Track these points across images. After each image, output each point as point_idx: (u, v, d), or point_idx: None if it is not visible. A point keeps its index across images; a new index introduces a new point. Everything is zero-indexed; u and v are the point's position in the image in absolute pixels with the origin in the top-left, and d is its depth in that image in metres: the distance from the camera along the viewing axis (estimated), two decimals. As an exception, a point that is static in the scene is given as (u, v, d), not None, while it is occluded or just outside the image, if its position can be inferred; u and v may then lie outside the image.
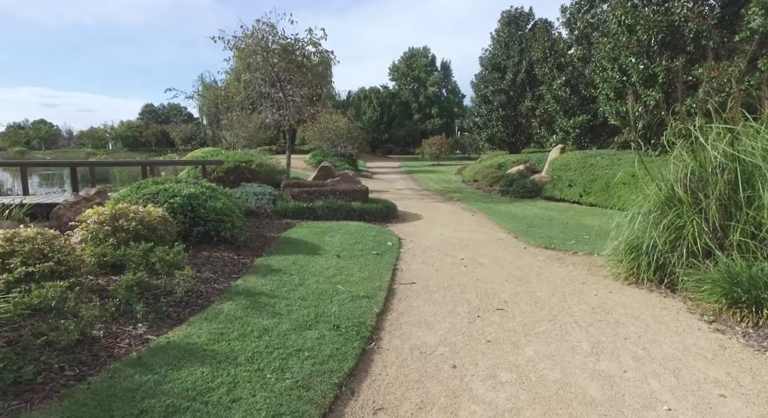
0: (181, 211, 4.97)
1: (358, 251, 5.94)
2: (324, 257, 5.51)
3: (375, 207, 8.72)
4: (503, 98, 22.14)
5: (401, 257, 5.99)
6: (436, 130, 41.91)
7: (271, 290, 3.98)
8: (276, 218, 7.88)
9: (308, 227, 7.35)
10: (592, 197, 11.63)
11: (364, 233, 7.01)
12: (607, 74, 12.15)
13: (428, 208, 10.93)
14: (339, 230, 7.17)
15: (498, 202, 11.95)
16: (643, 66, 10.87)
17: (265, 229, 6.98)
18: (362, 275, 4.84)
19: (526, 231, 7.85)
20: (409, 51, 48.24)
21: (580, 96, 15.46)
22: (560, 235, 7.54)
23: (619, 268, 4.95)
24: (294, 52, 12.65)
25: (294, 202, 8.37)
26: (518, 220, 9.04)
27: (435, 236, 7.42)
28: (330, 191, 8.83)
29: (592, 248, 6.55)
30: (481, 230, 8.08)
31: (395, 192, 14.68)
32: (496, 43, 23.21)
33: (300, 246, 5.98)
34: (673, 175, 4.73)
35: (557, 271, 5.40)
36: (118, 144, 64.63)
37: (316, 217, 8.17)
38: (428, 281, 4.97)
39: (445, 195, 13.84)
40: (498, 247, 6.75)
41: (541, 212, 10.19)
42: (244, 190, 8.59)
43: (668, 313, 3.94)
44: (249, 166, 12.63)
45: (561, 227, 8.37)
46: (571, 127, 15.64)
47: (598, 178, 11.91)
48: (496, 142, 24.00)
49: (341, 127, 23.51)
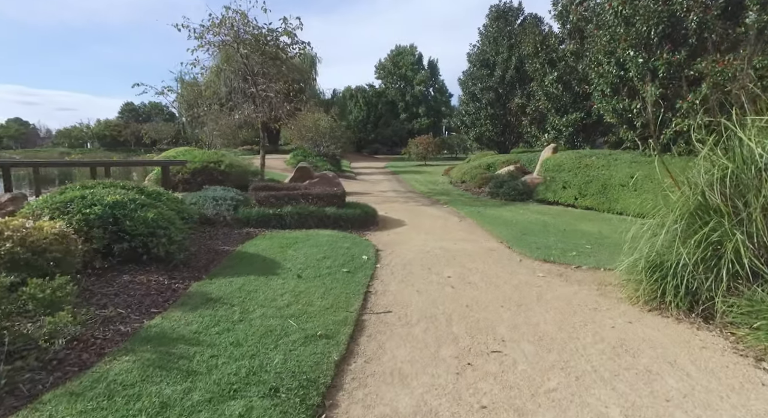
0: (99, 223, 3.97)
1: (326, 268, 4.99)
2: (282, 277, 4.55)
3: (352, 213, 7.78)
4: (492, 96, 21.33)
5: (377, 274, 5.06)
6: (423, 129, 41.10)
7: (195, 333, 3.01)
8: (237, 227, 6.88)
9: (271, 237, 6.37)
10: (588, 200, 10.86)
11: (336, 245, 6.07)
12: (603, 69, 11.38)
13: (412, 212, 10.02)
14: (307, 241, 6.21)
15: (488, 206, 11.11)
16: (643, 60, 10.12)
17: (220, 241, 5.99)
18: (325, 303, 3.89)
19: (521, 239, 7.00)
20: (395, 49, 47.31)
21: (572, 93, 14.71)
22: (558, 244, 6.70)
23: (638, 290, 4.09)
24: (267, 43, 11.63)
25: (259, 208, 7.39)
26: (511, 226, 8.19)
27: (418, 247, 6.51)
28: (301, 195, 7.86)
29: (597, 261, 5.72)
30: (470, 239, 7.19)
31: (378, 195, 13.76)
32: (485, 38, 22.39)
33: (255, 263, 5.01)
34: (704, 178, 3.88)
35: (561, 291, 4.53)
36: (95, 143, 62.50)
37: (284, 225, 7.20)
38: (407, 308, 4.05)
39: (431, 198, 12.96)
40: (490, 260, 5.87)
41: (535, 217, 9.37)
42: (203, 194, 7.57)
43: (711, 355, 3.08)
44: (218, 167, 11.59)
45: (558, 234, 7.54)
46: (563, 125, 14.86)
47: (593, 179, 11.14)
48: (485, 141, 23.18)
49: (323, 126, 22.50)
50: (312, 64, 42.81)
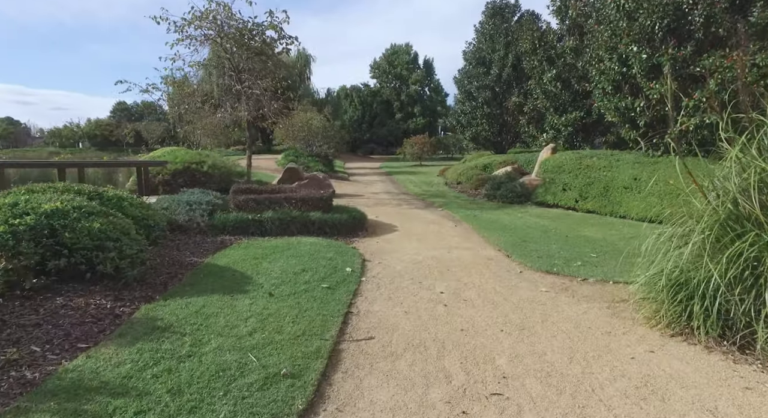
0: (31, 236, 3.39)
1: (303, 283, 4.43)
2: (251, 296, 3.99)
3: (339, 218, 7.22)
4: (488, 94, 20.79)
5: (361, 290, 4.51)
6: (419, 129, 40.56)
7: (124, 377, 2.43)
8: (211, 234, 6.31)
9: (248, 246, 5.80)
10: (590, 203, 10.36)
11: (318, 255, 5.51)
12: (604, 65, 10.88)
13: (405, 216, 9.48)
14: (287, 250, 5.65)
15: (484, 209, 10.58)
16: (646, 55, 9.62)
17: (189, 251, 5.41)
18: (296, 329, 3.34)
19: (520, 247, 6.47)
20: (390, 48, 46.74)
21: (572, 91, 14.20)
22: (561, 252, 6.17)
23: (659, 311, 3.55)
24: (253, 38, 11.05)
25: (237, 212, 6.81)
26: (509, 231, 7.67)
27: (409, 256, 5.96)
28: (284, 199, 7.29)
29: (605, 273, 5.19)
30: (465, 246, 6.66)
31: (370, 197, 13.20)
32: (481, 36, 21.85)
33: (223, 278, 4.44)
34: (736, 183, 3.36)
35: (569, 311, 4.00)
36: (85, 143, 61.56)
37: (264, 231, 6.63)
38: (393, 332, 3.51)
39: (426, 200, 12.43)
40: (487, 271, 5.33)
41: (534, 221, 8.85)
42: (177, 198, 6.99)
43: (761, 401, 2.54)
44: (200, 168, 11.02)
45: (560, 240, 7.02)
46: (562, 124, 14.34)
47: (595, 181, 10.64)
48: (481, 141, 22.65)
49: (315, 126, 21.90)
50: (306, 63, 42.27)
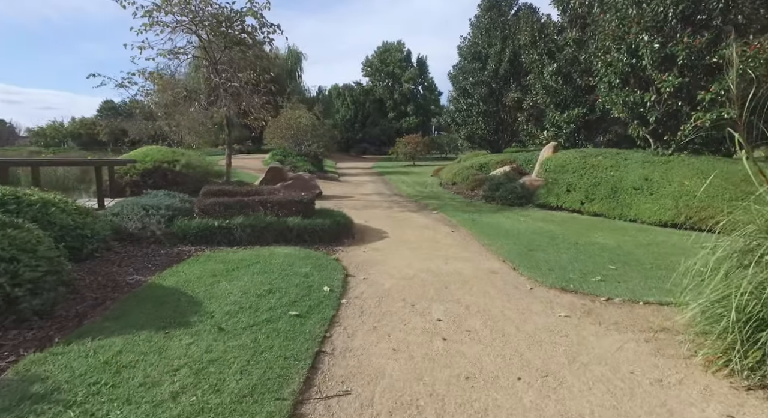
0: None
1: (266, 310, 3.55)
2: (193, 331, 3.10)
3: (321, 224, 6.33)
4: (484, 91, 19.93)
5: (340, 317, 3.63)
6: (412, 128, 39.71)
7: None
8: (169, 244, 5.39)
9: (208, 259, 4.89)
10: (596, 205, 9.56)
11: (291, 270, 4.62)
12: (612, 57, 10.08)
13: (396, 221, 8.61)
14: (254, 264, 4.75)
15: (483, 212, 9.75)
16: (659, 45, 8.83)
17: (133, 267, 4.49)
18: (244, 384, 2.46)
19: (527, 257, 5.64)
20: (383, 45, 45.81)
21: (574, 86, 13.40)
22: (575, 264, 5.35)
23: (731, 355, 2.71)
24: (231, 26, 10.13)
25: (202, 219, 5.89)
26: (512, 238, 6.83)
27: (400, 269, 5.10)
28: (259, 202, 6.39)
29: (631, 290, 4.37)
30: (464, 256, 5.81)
31: (360, 198, 12.32)
32: (476, 30, 20.98)
33: (164, 306, 3.54)
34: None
35: (599, 346, 3.15)
36: (69, 142, 59.96)
37: (233, 240, 5.73)
38: (376, 383, 2.64)
39: (419, 202, 11.57)
40: (492, 288, 4.48)
41: (539, 226, 8.02)
42: (133, 201, 6.06)
43: None
44: (173, 168, 10.07)
45: (570, 248, 6.19)
46: (564, 121, 13.53)
47: (602, 181, 9.85)
48: (476, 140, 21.80)
49: (304, 124, 20.96)
50: (297, 61, 41.36)
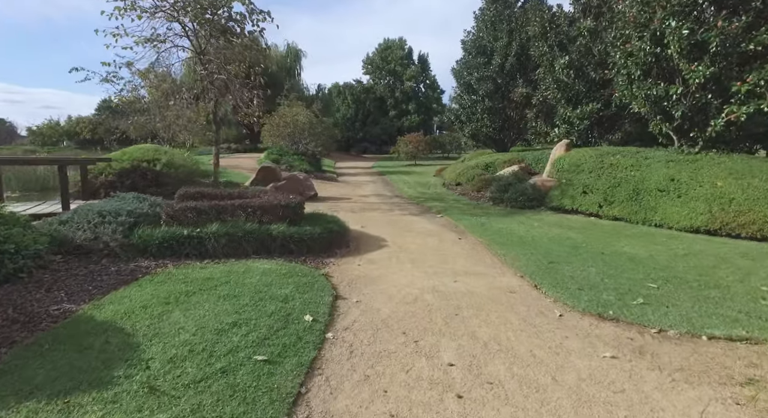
0: None
1: (224, 353, 2.71)
2: (109, 396, 2.26)
3: (311, 232, 5.50)
4: (490, 87, 19.01)
5: (322, 362, 2.80)
6: (414, 127, 38.80)
7: None
8: (126, 259, 4.56)
9: (166, 279, 4.05)
10: (616, 209, 8.70)
11: (268, 292, 3.79)
12: (632, 46, 9.21)
13: (397, 226, 7.77)
14: (222, 285, 3.92)
15: (491, 216, 8.90)
16: (688, 31, 7.97)
17: (66, 290, 3.65)
18: None
19: (550, 272, 4.81)
20: (384, 42, 44.87)
21: (587, 80, 12.52)
22: (606, 280, 4.52)
23: None
24: (216, 12, 9.30)
25: (169, 227, 5.06)
26: (528, 247, 6.00)
27: (401, 289, 4.27)
28: (239, 207, 5.55)
29: (686, 318, 3.54)
30: (476, 270, 4.97)
31: (358, 200, 11.48)
32: (481, 23, 20.06)
33: (85, 352, 2.70)
34: None
35: (674, 413, 2.31)
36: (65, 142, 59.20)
37: (204, 253, 4.90)
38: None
39: (422, 205, 10.72)
40: (513, 316, 3.65)
41: (556, 232, 7.18)
42: (90, 206, 5.23)
43: None
44: (152, 167, 9.25)
45: (597, 260, 5.35)
46: (577, 118, 12.65)
47: (622, 182, 8.99)
48: (481, 138, 20.88)
49: (301, 122, 20.12)
50: (296, 59, 40.56)
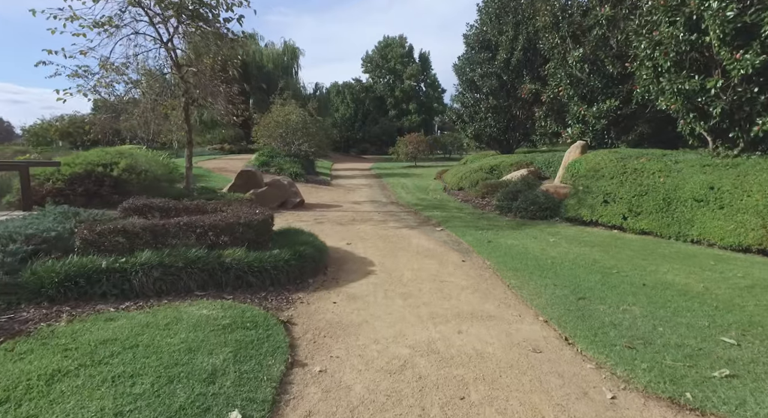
0: None
1: None
2: None
3: (276, 258, 4.33)
4: (494, 83, 17.77)
5: None
6: (414, 127, 37.64)
7: None
8: (8, 306, 3.38)
9: (37, 345, 2.86)
10: (644, 221, 7.50)
11: (189, 365, 2.60)
12: (662, 33, 8.01)
13: (390, 242, 6.58)
14: (123, 353, 2.73)
15: (500, 229, 7.71)
16: (734, 12, 6.78)
17: None
18: None
19: (582, 315, 3.64)
20: (383, 40, 43.70)
21: (603, 75, 11.32)
22: (661, 329, 3.36)
23: None
24: (185, -4, 8.14)
25: (85, 256, 3.88)
26: (548, 273, 4.82)
27: (384, 348, 3.09)
28: (186, 227, 4.38)
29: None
30: (486, 312, 3.78)
31: (349, 208, 10.29)
32: (485, 16, 18.82)
33: None
34: None
35: None
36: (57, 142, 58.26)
37: (130, 291, 3.72)
38: None
39: (420, 214, 9.53)
40: (544, 400, 2.47)
41: (577, 252, 5.99)
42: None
43: None
44: (110, 172, 8.07)
45: (639, 295, 4.17)
46: (593, 116, 11.43)
47: (649, 190, 7.79)
48: (485, 139, 19.66)
49: (294, 121, 18.93)
50: (293, 57, 39.48)
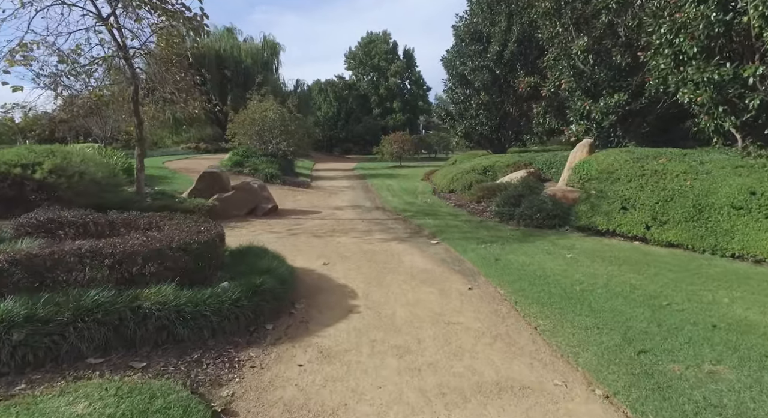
0: None
1: None
2: None
3: (219, 298, 3.07)
4: (487, 78, 16.67)
5: None
6: (399, 126, 36.43)
7: None
8: None
9: None
10: (671, 232, 6.42)
11: None
12: (687, 14, 6.98)
13: (377, 262, 5.34)
14: None
15: (505, 241, 6.55)
16: (779, -13, 5.79)
17: None
18: None
19: (658, 386, 2.46)
20: (367, 36, 42.35)
21: (610, 66, 10.30)
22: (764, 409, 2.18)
23: None
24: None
25: None
26: (583, 309, 3.67)
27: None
28: (90, 256, 3.07)
29: None
30: (517, 380, 2.58)
31: (328, 215, 9.01)
32: (476, 6, 17.66)
33: None
34: None
35: None
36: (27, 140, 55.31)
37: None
38: None
39: (410, 221, 8.32)
40: None
41: (604, 272, 4.88)
42: None
43: None
44: (31, 174, 6.62)
45: (717, 345, 3.04)
46: (600, 112, 10.38)
47: (675, 196, 6.74)
48: (476, 138, 18.57)
49: (271, 118, 17.52)
50: (274, 52, 37.95)
